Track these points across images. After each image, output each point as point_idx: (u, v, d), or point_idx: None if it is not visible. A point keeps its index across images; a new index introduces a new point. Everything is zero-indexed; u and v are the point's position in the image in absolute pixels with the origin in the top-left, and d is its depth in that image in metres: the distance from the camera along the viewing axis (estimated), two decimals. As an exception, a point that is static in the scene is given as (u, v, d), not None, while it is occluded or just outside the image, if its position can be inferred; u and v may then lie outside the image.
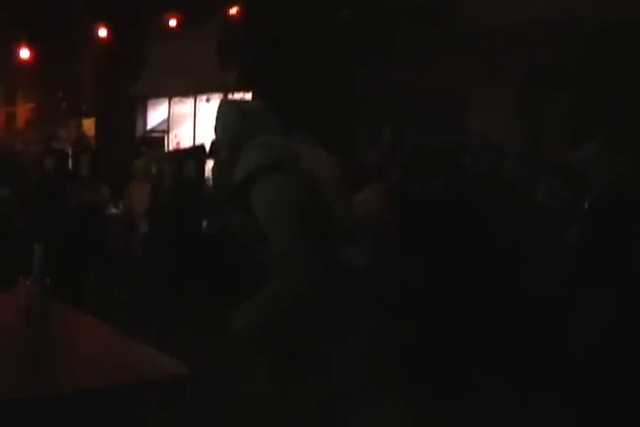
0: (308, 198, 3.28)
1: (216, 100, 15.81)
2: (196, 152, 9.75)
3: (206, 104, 16.24)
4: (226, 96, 15.08)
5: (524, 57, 9.39)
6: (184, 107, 17.23)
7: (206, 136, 15.02)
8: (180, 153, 11.16)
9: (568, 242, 5.29)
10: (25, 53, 15.15)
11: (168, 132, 17.61)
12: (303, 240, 3.20)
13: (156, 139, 17.60)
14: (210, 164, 9.04)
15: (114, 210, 9.69)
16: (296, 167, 3.30)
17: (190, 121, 16.86)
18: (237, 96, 13.58)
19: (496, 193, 6.34)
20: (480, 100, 10.07)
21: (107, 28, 14.41)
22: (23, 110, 22.49)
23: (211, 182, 8.79)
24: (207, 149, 10.05)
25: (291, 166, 3.29)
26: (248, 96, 13.05)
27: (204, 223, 8.38)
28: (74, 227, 8.25)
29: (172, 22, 14.10)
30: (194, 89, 16.13)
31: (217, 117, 3.61)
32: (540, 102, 9.69)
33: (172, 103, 17.57)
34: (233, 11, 13.39)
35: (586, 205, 5.29)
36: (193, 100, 16.75)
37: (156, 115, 18.29)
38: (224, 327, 3.39)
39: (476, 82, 9.95)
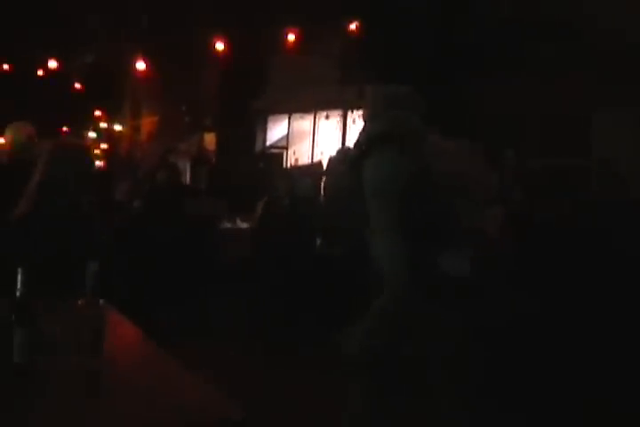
0: (421, 184, 2.96)
1: (335, 117, 15.74)
2: (315, 169, 9.66)
3: (325, 121, 16.18)
4: (346, 113, 15.00)
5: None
6: (304, 123, 17.18)
7: (325, 153, 14.95)
8: (298, 170, 11.08)
9: None
10: (141, 66, 15.33)
11: (287, 149, 17.58)
12: (403, 238, 2.90)
13: (275, 155, 17.61)
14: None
15: (228, 224, 9.67)
16: (417, 145, 3.00)
17: (309, 138, 16.78)
18: (358, 113, 13.47)
19: (621, 219, 6.02)
20: (608, 122, 9.67)
21: (224, 41, 14.43)
22: (147, 123, 22.89)
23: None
24: (325, 166, 9.93)
25: (411, 142, 2.99)
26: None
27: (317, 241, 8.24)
28: (185, 240, 8.25)
29: (291, 37, 14.01)
30: (314, 105, 16.07)
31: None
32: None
33: (291, 119, 17.55)
34: (352, 26, 13.25)
35: None
36: (312, 117, 16.67)
37: (276, 131, 18.29)
38: (334, 348, 3.22)
39: (606, 102, 9.57)
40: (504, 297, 5.10)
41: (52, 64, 16.53)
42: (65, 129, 21.21)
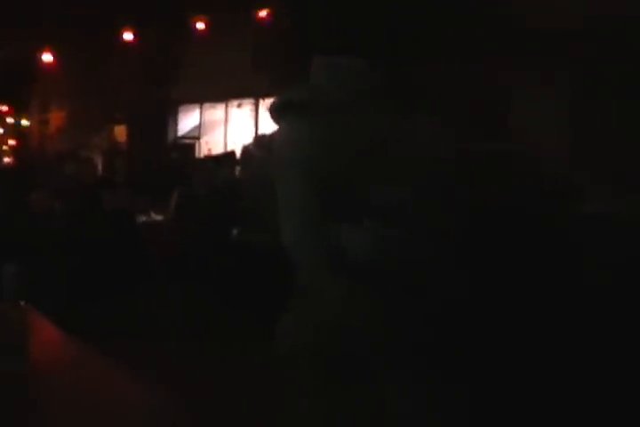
0: (328, 156, 2.85)
1: (248, 105, 15.66)
2: (228, 158, 9.60)
3: (238, 110, 16.08)
4: (258, 101, 14.93)
5: (578, 59, 9.09)
6: (216, 112, 17.04)
7: (238, 142, 14.86)
8: (210, 160, 10.99)
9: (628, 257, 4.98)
10: (48, 58, 15.01)
11: (199, 139, 17.44)
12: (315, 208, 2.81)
13: (188, 145, 17.45)
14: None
15: (143, 218, 9.55)
16: (333, 117, 2.88)
17: (222, 127, 16.67)
18: (269, 101, 13.43)
19: (545, 202, 6.08)
20: (528, 105, 9.78)
21: (132, 31, 14.22)
22: (56, 118, 22.45)
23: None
24: (238, 155, 9.88)
25: (324, 113, 2.88)
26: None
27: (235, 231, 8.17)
28: (106, 234, 8.13)
29: (200, 25, 13.88)
30: (225, 94, 15.95)
31: None
32: (593, 106, 9.38)
33: (203, 109, 17.40)
34: (263, 13, 13.18)
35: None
36: (224, 106, 16.56)
37: (187, 121, 18.12)
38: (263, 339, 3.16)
39: (525, 85, 9.67)
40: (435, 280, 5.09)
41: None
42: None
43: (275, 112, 3.08)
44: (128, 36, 14.40)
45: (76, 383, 2.62)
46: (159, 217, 9.71)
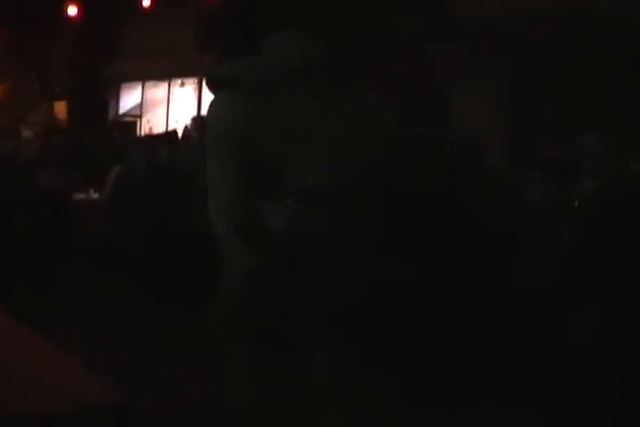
0: (263, 132, 2.80)
1: (191, 84, 15.50)
2: (169, 138, 9.49)
3: (180, 89, 15.93)
4: (201, 80, 14.76)
5: (514, 47, 9.16)
6: (158, 91, 16.86)
7: (180, 121, 14.72)
8: (151, 139, 10.84)
9: (557, 243, 5.04)
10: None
11: (141, 117, 17.24)
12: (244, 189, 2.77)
13: (129, 123, 17.24)
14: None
15: (81, 196, 9.37)
16: (261, 91, 2.83)
17: (164, 106, 16.50)
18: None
19: (479, 189, 6.12)
20: (466, 91, 9.82)
21: (77, 6, 13.96)
22: (-6, 92, 22.03)
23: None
24: (180, 134, 9.77)
25: (254, 88, 2.83)
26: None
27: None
28: (41, 213, 7.97)
29: (146, 2, 13.69)
30: (168, 73, 15.79)
31: None
32: (528, 94, 9.46)
33: (145, 87, 17.20)
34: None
35: (576, 202, 5.04)
36: (167, 85, 16.39)
37: (129, 99, 17.91)
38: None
39: (464, 72, 9.71)
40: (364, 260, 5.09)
41: None
42: None
43: (208, 86, 3.04)
44: (72, 9, 14.13)
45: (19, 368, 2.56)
46: (96, 195, 9.55)
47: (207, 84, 3.00)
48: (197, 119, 9.35)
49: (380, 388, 4.13)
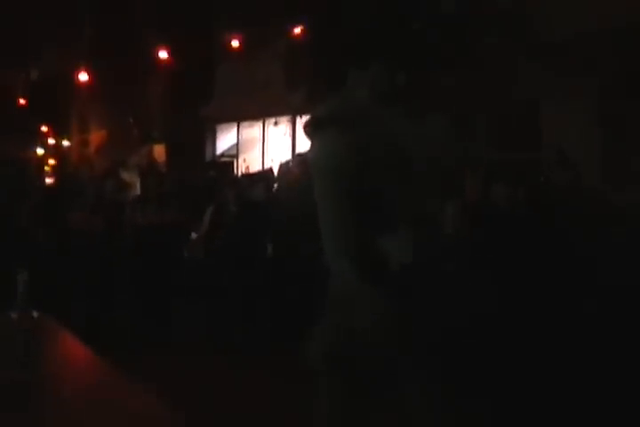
0: (361, 165, 2.79)
1: (284, 123, 15.64)
2: (265, 176, 9.61)
3: (274, 128, 16.08)
4: (294, 118, 14.89)
5: (602, 64, 9.02)
6: (253, 131, 17.07)
7: (275, 160, 14.85)
8: (247, 178, 11.00)
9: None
10: (84, 77, 15.13)
11: (237, 157, 17.46)
12: (358, 226, 2.75)
13: (226, 163, 17.47)
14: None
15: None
16: (361, 125, 2.82)
17: (259, 145, 16.68)
18: (306, 118, 13.38)
19: (577, 208, 6.03)
20: (558, 113, 9.69)
21: (166, 50, 14.26)
22: (95, 138, 22.63)
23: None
24: (276, 172, 9.87)
25: (353, 123, 2.82)
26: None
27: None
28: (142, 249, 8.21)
29: (235, 43, 13.90)
30: (261, 112, 15.97)
31: None
32: (622, 112, 9.28)
33: (240, 127, 17.43)
34: (297, 30, 13.18)
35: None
36: (261, 124, 16.58)
37: (225, 139, 18.16)
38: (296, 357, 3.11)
39: (554, 93, 9.59)
40: (462, 286, 5.03)
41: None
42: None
43: (309, 128, 3.06)
44: (163, 53, 14.44)
45: (85, 394, 2.58)
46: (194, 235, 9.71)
47: (306, 126, 3.02)
48: (299, 156, 9.43)
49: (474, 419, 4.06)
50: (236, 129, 17.68)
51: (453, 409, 3.24)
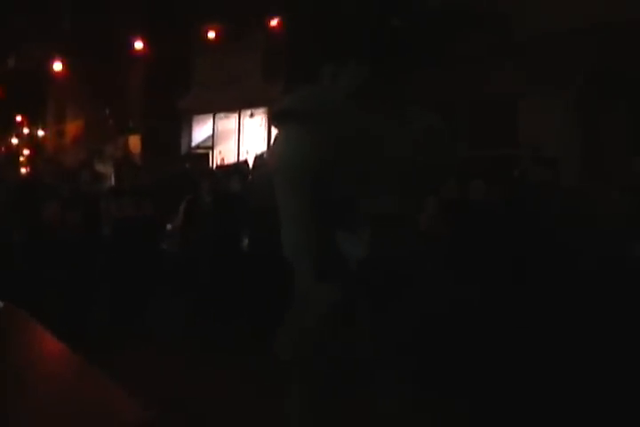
0: (327, 166, 2.77)
1: (260, 115, 15.63)
2: (240, 168, 9.61)
3: (250, 119, 16.06)
4: (270, 110, 14.87)
5: (580, 63, 9.06)
6: (228, 122, 17.03)
7: (250, 152, 14.85)
8: (222, 169, 11.01)
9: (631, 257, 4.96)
10: (58, 66, 15.05)
11: (213, 149, 17.43)
12: (318, 223, 2.75)
13: (201, 155, 17.44)
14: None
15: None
16: (331, 123, 2.81)
17: (235, 137, 16.65)
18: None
19: (552, 204, 6.07)
20: (534, 109, 9.73)
21: (142, 40, 14.20)
22: (72, 128, 22.49)
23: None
24: (250, 164, 9.87)
25: (323, 120, 2.81)
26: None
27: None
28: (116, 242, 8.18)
29: (211, 34, 13.86)
30: (237, 104, 15.95)
31: None
32: (598, 110, 9.33)
33: (216, 119, 17.39)
34: (274, 22, 13.16)
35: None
36: (237, 116, 16.55)
37: (201, 131, 18.11)
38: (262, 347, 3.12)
39: (531, 90, 9.63)
40: (440, 284, 5.07)
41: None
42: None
43: (274, 121, 3.05)
44: (139, 44, 14.38)
45: (53, 388, 2.58)
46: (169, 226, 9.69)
47: (271, 119, 3.02)
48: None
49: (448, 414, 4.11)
50: (211, 121, 17.64)
51: (414, 405, 3.27)
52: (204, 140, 17.93)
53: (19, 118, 22.07)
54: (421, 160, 3.00)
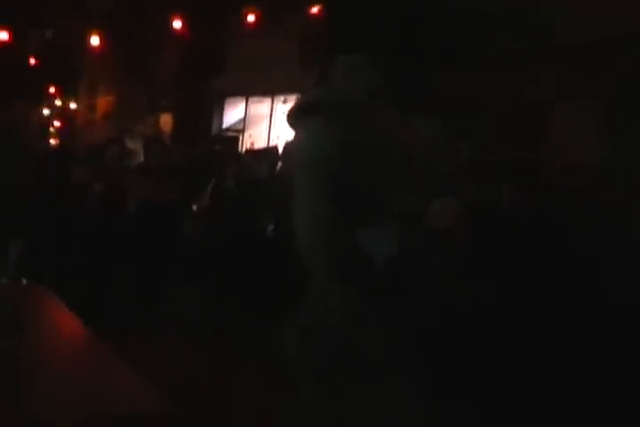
0: (347, 158, 2.72)
1: (293, 101, 15.56)
2: (269, 153, 9.57)
3: (283, 105, 16.01)
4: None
5: (615, 71, 8.95)
6: (261, 107, 16.99)
7: (281, 137, 14.80)
8: (251, 154, 10.97)
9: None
10: (95, 40, 15.06)
11: (243, 132, 17.40)
12: (334, 214, 2.69)
13: (231, 138, 17.41)
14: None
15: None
16: (350, 117, 2.76)
17: (266, 122, 16.61)
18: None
19: (580, 211, 6.00)
20: (567, 116, 9.63)
21: (181, 20, 14.16)
22: (103, 103, 22.51)
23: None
24: (280, 150, 9.82)
25: (342, 113, 2.76)
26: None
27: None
28: (139, 222, 8.13)
29: (251, 17, 13.79)
30: (271, 89, 15.89)
31: None
32: (632, 119, 9.21)
33: (249, 102, 17.35)
34: (314, 9, 13.05)
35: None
36: (270, 101, 16.50)
37: (233, 113, 18.08)
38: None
39: (565, 96, 9.53)
40: (460, 287, 5.00)
41: (3, 36, 15.87)
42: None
43: (293, 117, 3.00)
44: (177, 23, 14.34)
45: (70, 366, 2.55)
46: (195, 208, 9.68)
47: (292, 114, 2.97)
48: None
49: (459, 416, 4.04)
50: (244, 104, 17.60)
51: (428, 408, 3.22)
52: (236, 123, 17.89)
53: (52, 90, 22.07)
54: (432, 161, 2.97)
